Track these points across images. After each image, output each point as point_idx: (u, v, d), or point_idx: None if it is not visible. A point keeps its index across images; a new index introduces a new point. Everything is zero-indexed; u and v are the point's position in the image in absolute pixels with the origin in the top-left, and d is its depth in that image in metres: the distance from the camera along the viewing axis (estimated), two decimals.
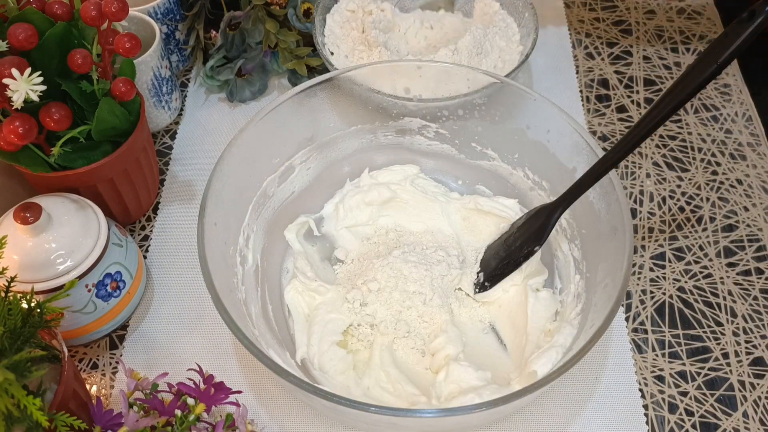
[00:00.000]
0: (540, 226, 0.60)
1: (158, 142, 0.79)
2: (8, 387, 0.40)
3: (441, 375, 0.56)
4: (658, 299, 0.66)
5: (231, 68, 0.79)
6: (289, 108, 0.64)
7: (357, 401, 0.46)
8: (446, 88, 0.69)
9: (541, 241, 0.60)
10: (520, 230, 0.62)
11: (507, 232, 0.64)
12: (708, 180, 0.75)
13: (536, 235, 0.60)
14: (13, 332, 0.45)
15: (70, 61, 0.56)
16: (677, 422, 0.58)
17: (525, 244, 0.61)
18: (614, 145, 0.55)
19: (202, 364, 0.54)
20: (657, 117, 0.51)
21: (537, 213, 0.61)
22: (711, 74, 0.48)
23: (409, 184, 0.70)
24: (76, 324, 0.59)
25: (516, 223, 0.64)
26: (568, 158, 0.63)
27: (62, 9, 0.58)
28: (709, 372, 0.61)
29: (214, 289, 0.51)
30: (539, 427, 0.58)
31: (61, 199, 0.59)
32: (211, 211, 0.56)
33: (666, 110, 0.51)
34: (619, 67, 0.87)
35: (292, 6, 0.80)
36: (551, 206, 0.59)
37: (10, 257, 0.54)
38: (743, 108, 0.82)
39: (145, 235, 0.71)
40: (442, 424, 0.50)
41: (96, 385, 0.61)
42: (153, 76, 0.73)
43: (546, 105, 0.63)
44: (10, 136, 0.53)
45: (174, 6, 0.78)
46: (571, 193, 0.58)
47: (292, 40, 0.80)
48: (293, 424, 0.58)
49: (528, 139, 0.66)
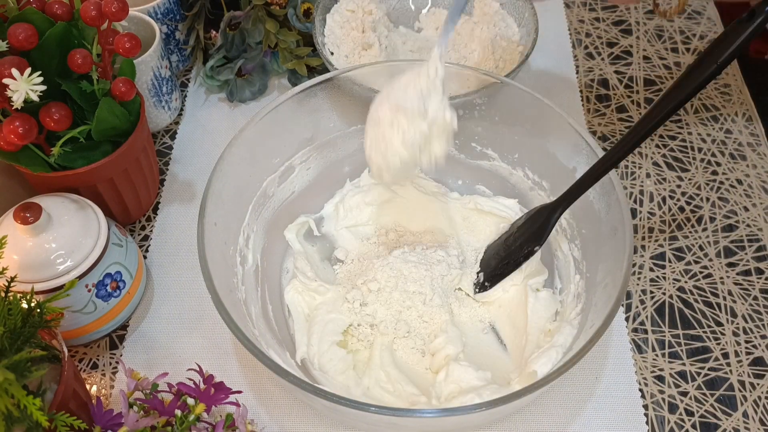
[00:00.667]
0: (540, 226, 0.60)
1: (158, 142, 0.79)
2: (8, 387, 0.40)
3: (441, 375, 0.56)
4: (658, 299, 0.66)
5: (231, 68, 0.79)
6: (289, 108, 0.64)
7: (357, 401, 0.46)
8: (446, 88, 0.69)
9: (541, 241, 0.60)
10: (520, 230, 0.62)
11: (507, 232, 0.64)
12: (708, 180, 0.75)
13: (536, 235, 0.60)
14: (13, 332, 0.45)
15: (70, 61, 0.56)
16: (677, 422, 0.58)
17: (525, 244, 0.61)
18: (614, 145, 0.55)
19: (202, 364, 0.54)
20: (657, 117, 0.51)
21: (537, 213, 0.61)
22: (711, 74, 0.48)
23: (409, 184, 0.70)
24: (76, 324, 0.59)
25: (516, 223, 0.64)
26: (568, 158, 0.63)
27: (62, 9, 0.58)
28: (709, 372, 0.61)
29: (214, 289, 0.51)
30: (539, 427, 0.58)
31: (61, 199, 0.59)
32: (211, 211, 0.56)
33: (666, 110, 0.51)
34: (619, 67, 0.87)
35: (292, 6, 0.80)
36: (551, 206, 0.59)
37: (10, 257, 0.54)
38: (743, 108, 0.82)
39: (145, 235, 0.71)
40: (442, 424, 0.50)
41: (96, 385, 0.61)
42: (153, 76, 0.73)
43: (546, 105, 0.63)
44: (10, 136, 0.53)
45: (174, 6, 0.78)
46: (571, 193, 0.58)
47: (292, 40, 0.80)
48: (293, 424, 0.58)
49: (528, 139, 0.66)
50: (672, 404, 0.59)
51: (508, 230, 0.65)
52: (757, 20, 0.46)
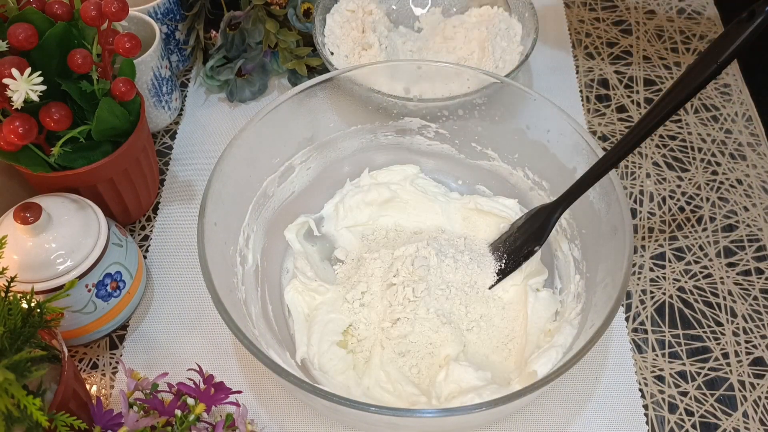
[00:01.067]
0: (540, 226, 0.60)
1: (158, 142, 0.79)
2: (8, 387, 0.40)
3: (441, 375, 0.56)
4: (658, 299, 0.66)
5: (231, 68, 0.79)
6: (289, 108, 0.64)
7: (357, 401, 0.46)
8: (446, 88, 0.69)
9: (541, 241, 0.60)
10: (519, 230, 0.63)
11: (507, 232, 0.64)
12: (708, 180, 0.75)
13: (536, 235, 0.60)
14: (13, 332, 0.45)
15: (70, 61, 0.56)
16: (677, 422, 0.58)
17: (525, 244, 0.61)
18: (614, 144, 0.55)
19: (202, 364, 0.54)
20: (657, 117, 0.51)
21: (537, 213, 0.61)
22: (711, 74, 0.48)
23: (409, 184, 0.70)
24: (76, 324, 0.59)
25: (516, 223, 0.64)
26: (568, 158, 0.63)
27: (62, 9, 0.58)
28: (709, 372, 0.61)
29: (214, 289, 0.51)
30: (539, 427, 0.58)
31: (61, 199, 0.59)
32: (211, 211, 0.56)
33: (666, 110, 0.51)
34: (619, 67, 0.87)
35: (292, 6, 0.80)
36: (551, 206, 0.59)
37: (10, 257, 0.54)
38: (743, 108, 0.82)
39: (145, 235, 0.71)
40: (442, 424, 0.50)
41: (96, 385, 0.61)
42: (153, 76, 0.73)
43: (546, 105, 0.63)
44: (10, 136, 0.53)
45: (174, 6, 0.78)
46: (571, 193, 0.58)
47: (292, 40, 0.80)
48: (293, 424, 0.58)
49: (528, 139, 0.66)
50: (672, 404, 0.59)
51: (508, 230, 0.65)
52: (757, 20, 0.46)
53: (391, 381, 0.57)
